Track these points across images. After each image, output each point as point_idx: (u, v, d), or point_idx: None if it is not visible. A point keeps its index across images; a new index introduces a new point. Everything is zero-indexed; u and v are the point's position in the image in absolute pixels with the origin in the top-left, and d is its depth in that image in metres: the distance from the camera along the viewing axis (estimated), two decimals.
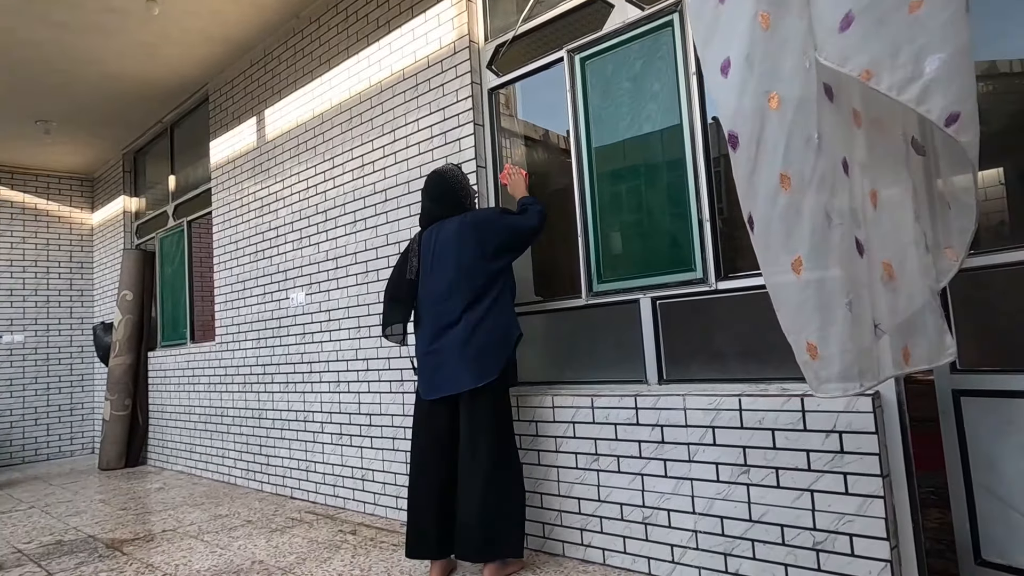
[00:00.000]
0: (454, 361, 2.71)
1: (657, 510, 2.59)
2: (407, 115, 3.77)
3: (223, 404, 5.31)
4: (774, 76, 1.53)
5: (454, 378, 2.71)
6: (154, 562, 3.28)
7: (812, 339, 1.56)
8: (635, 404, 2.67)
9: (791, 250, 1.56)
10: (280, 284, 4.69)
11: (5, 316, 7.20)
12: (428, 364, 2.79)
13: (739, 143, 1.60)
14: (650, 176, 2.89)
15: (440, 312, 2.76)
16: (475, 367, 2.67)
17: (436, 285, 2.78)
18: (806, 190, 1.51)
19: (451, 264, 2.75)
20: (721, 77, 1.63)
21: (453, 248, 2.76)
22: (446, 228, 2.82)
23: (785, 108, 1.52)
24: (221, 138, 5.44)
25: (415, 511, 2.77)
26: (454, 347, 2.71)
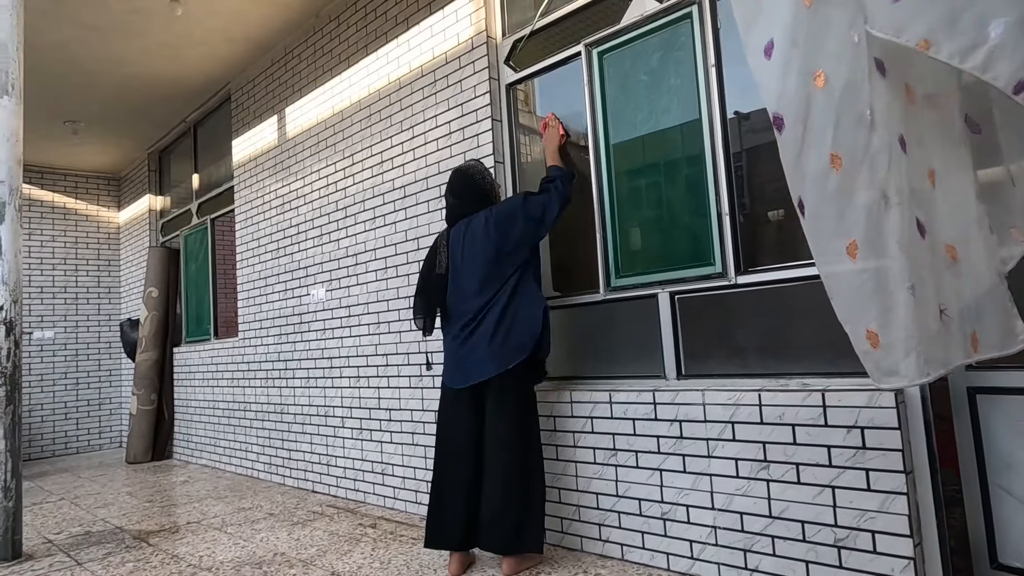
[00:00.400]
0: (481, 351, 2.74)
1: (676, 506, 2.58)
2: (425, 111, 3.78)
3: (246, 399, 5.38)
4: (819, 54, 1.46)
5: (480, 366, 2.74)
6: (179, 553, 3.34)
7: (872, 327, 1.47)
8: (653, 399, 2.66)
9: (844, 233, 1.47)
10: (301, 280, 4.75)
11: (36, 313, 7.37)
12: (456, 354, 2.83)
13: (784, 124, 1.53)
14: (668, 170, 2.87)
15: (469, 306, 2.80)
16: (501, 355, 2.70)
17: (465, 280, 2.82)
18: (859, 170, 1.43)
19: (479, 259, 2.79)
20: (764, 59, 1.57)
21: (480, 243, 2.80)
22: (473, 223, 2.86)
23: (832, 86, 1.45)
24: (243, 136, 5.51)
25: (438, 502, 2.80)
26: (482, 338, 2.75)
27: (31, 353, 7.30)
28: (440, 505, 2.79)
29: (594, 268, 3.04)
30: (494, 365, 2.71)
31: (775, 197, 2.65)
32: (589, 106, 3.09)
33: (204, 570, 3.03)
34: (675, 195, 2.84)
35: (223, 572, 2.99)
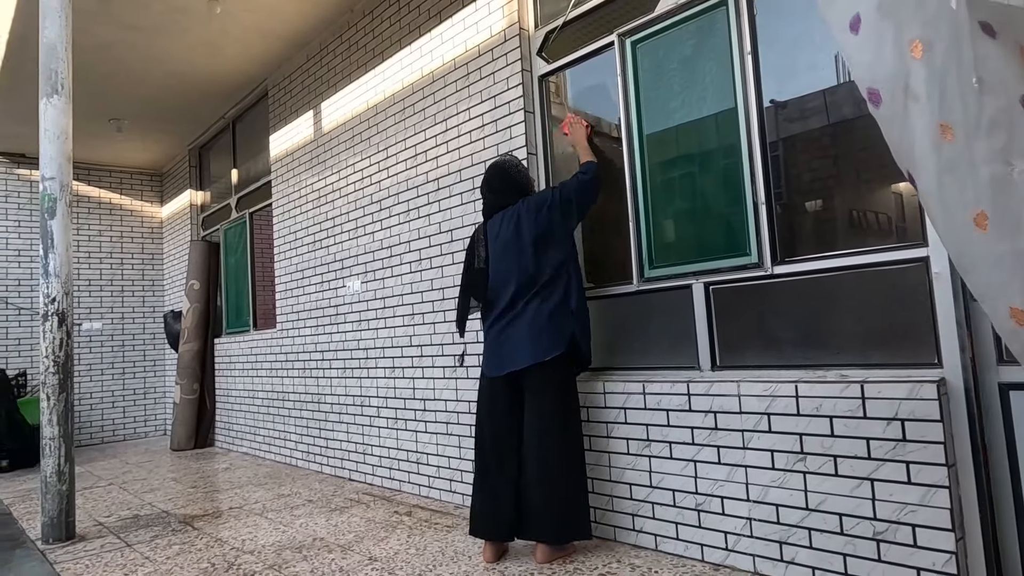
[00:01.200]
0: (519, 340, 2.78)
1: (710, 497, 2.57)
2: (458, 104, 3.81)
3: (284, 389, 5.50)
4: (913, 23, 1.40)
5: (517, 355, 2.77)
6: (222, 536, 3.45)
7: (1016, 303, 1.37)
8: (688, 390, 2.65)
9: (970, 204, 1.37)
10: (337, 273, 4.83)
11: (84, 305, 7.63)
12: (495, 343, 2.88)
13: (881, 99, 1.47)
14: (703, 160, 2.84)
15: (508, 295, 2.84)
16: (538, 346, 2.72)
17: (504, 270, 2.87)
18: (974, 137, 1.35)
19: (517, 249, 2.83)
20: (852, 35, 1.52)
21: (516, 233, 2.84)
22: (509, 215, 2.91)
23: (932, 54, 1.38)
24: (280, 132, 5.62)
25: (478, 491, 2.84)
26: (520, 327, 2.79)
27: (80, 344, 7.57)
28: (479, 495, 2.84)
29: (627, 259, 3.04)
30: (531, 355, 2.74)
31: (812, 186, 2.61)
32: (622, 96, 3.08)
33: (247, 553, 3.13)
34: (709, 185, 2.81)
35: (265, 555, 3.08)
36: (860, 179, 2.56)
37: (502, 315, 2.87)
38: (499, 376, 2.85)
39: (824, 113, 2.56)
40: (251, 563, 2.98)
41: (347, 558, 2.95)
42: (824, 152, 2.59)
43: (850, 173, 2.47)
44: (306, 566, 2.88)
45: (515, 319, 2.82)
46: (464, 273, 3.07)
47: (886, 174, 2.33)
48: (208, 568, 2.95)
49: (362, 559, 2.93)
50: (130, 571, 2.98)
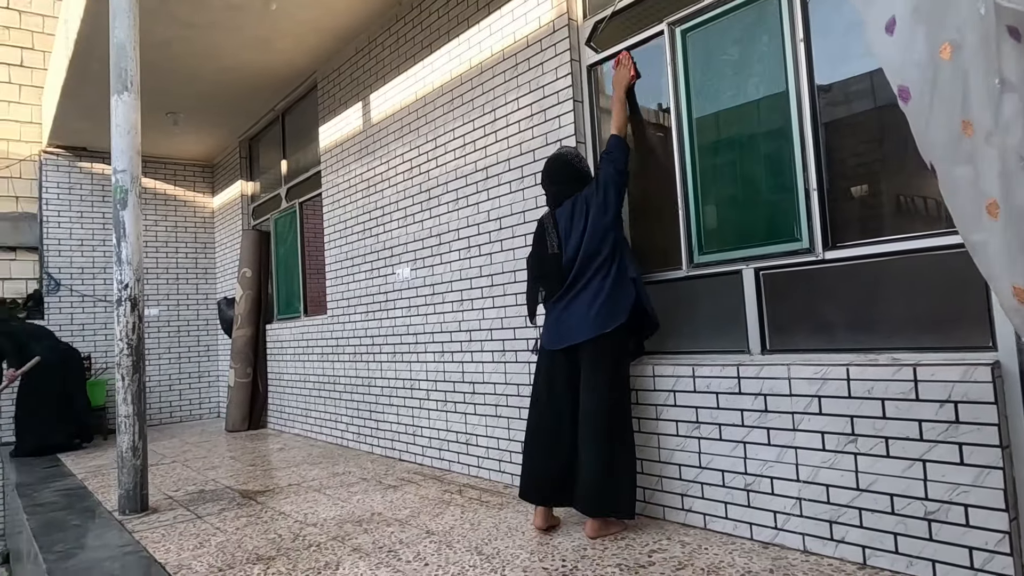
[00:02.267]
0: (579, 315, 2.92)
1: (760, 477, 2.63)
2: (507, 95, 3.89)
3: (335, 373, 5.70)
4: (944, 27, 1.49)
5: (577, 329, 2.90)
6: (285, 510, 3.63)
7: (1019, 283, 1.47)
8: (737, 373, 2.71)
9: (982, 195, 1.49)
10: (387, 260, 4.97)
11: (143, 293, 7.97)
12: (555, 318, 3.02)
13: (911, 96, 1.57)
14: (753, 145, 2.87)
15: (571, 274, 2.96)
16: (597, 320, 2.85)
17: (569, 252, 2.99)
18: (992, 133, 1.45)
19: (576, 234, 2.97)
20: (886, 36, 1.62)
21: (577, 220, 2.99)
22: (578, 202, 3.04)
23: (960, 56, 1.47)
24: (329, 123, 5.78)
25: (530, 458, 2.98)
26: (581, 303, 2.92)
27: None
28: (531, 461, 2.97)
29: (676, 245, 3.09)
30: (590, 328, 2.86)
31: (863, 172, 2.63)
32: (672, 85, 3.12)
33: (310, 526, 3.30)
34: (760, 171, 2.84)
35: (327, 528, 3.24)
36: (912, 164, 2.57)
37: (565, 293, 3.00)
38: (558, 350, 2.97)
39: (874, 98, 2.57)
40: (315, 535, 3.14)
41: (405, 531, 3.10)
42: (875, 137, 2.60)
43: (902, 158, 2.48)
44: (367, 538, 3.04)
45: (578, 295, 2.95)
46: (534, 263, 3.17)
47: None
48: (276, 539, 3.13)
49: (420, 533, 3.07)
50: (204, 540, 3.18)
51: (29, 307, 7.50)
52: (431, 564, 2.64)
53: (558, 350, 2.98)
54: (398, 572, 2.58)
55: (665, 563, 2.49)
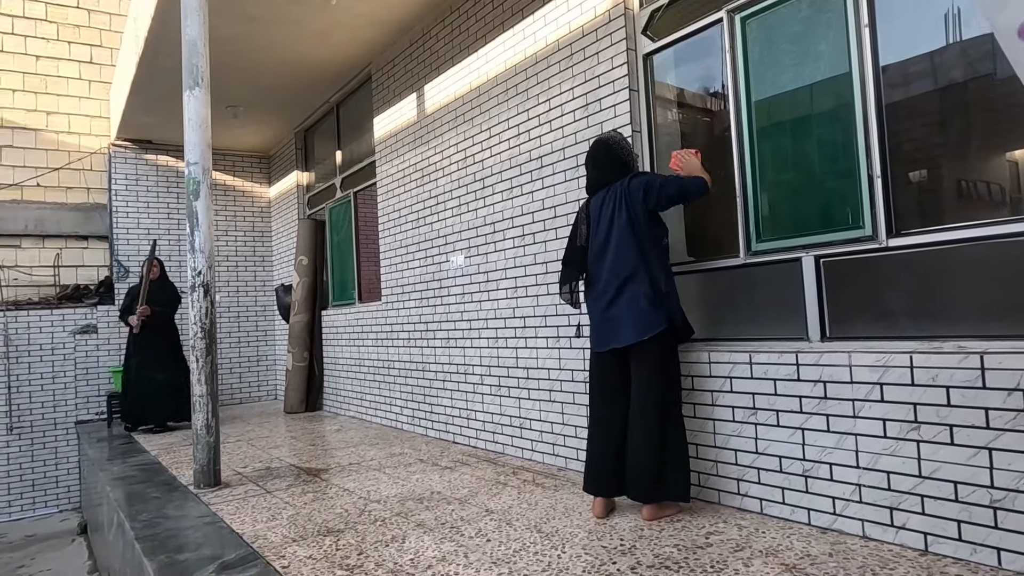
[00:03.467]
0: (619, 319, 2.92)
1: (818, 464, 2.65)
2: (562, 84, 3.93)
3: (389, 358, 5.87)
4: None
5: (618, 334, 2.92)
6: (349, 487, 3.80)
7: None
8: (796, 360, 2.72)
9: None
10: (440, 248, 5.09)
11: None
12: (598, 320, 3.04)
13: None
14: (814, 131, 2.86)
15: (609, 273, 2.97)
16: (638, 323, 2.86)
17: (605, 248, 2.99)
18: None
19: (615, 228, 2.94)
20: (1019, 40, 1.66)
21: (617, 212, 2.95)
22: (611, 193, 3.01)
23: None
24: (384, 114, 5.91)
25: (590, 453, 3.05)
26: (620, 306, 2.93)
27: None
28: (590, 454, 3.04)
29: (733, 233, 3.10)
30: (631, 334, 2.89)
31: (928, 157, 2.60)
32: (730, 72, 3.12)
33: (373, 502, 3.45)
34: (821, 157, 2.84)
35: (390, 504, 3.39)
36: (978, 150, 2.54)
37: (602, 294, 3.01)
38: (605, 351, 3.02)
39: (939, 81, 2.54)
40: (379, 510, 3.29)
41: (465, 509, 3.22)
42: (940, 120, 2.57)
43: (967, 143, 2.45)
44: (429, 515, 3.17)
45: (615, 299, 2.95)
46: (567, 248, 3.22)
47: (1004, 143, 2.30)
48: (342, 513, 3.28)
49: (479, 511, 3.18)
50: (275, 513, 3.36)
51: (101, 293, 7.92)
52: (492, 540, 2.75)
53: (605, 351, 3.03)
54: (462, 547, 2.69)
55: (723, 545, 2.54)
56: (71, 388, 7.58)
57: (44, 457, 7.44)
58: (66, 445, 7.54)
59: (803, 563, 2.32)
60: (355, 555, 2.67)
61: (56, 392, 7.53)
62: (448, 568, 2.47)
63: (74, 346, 7.63)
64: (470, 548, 2.67)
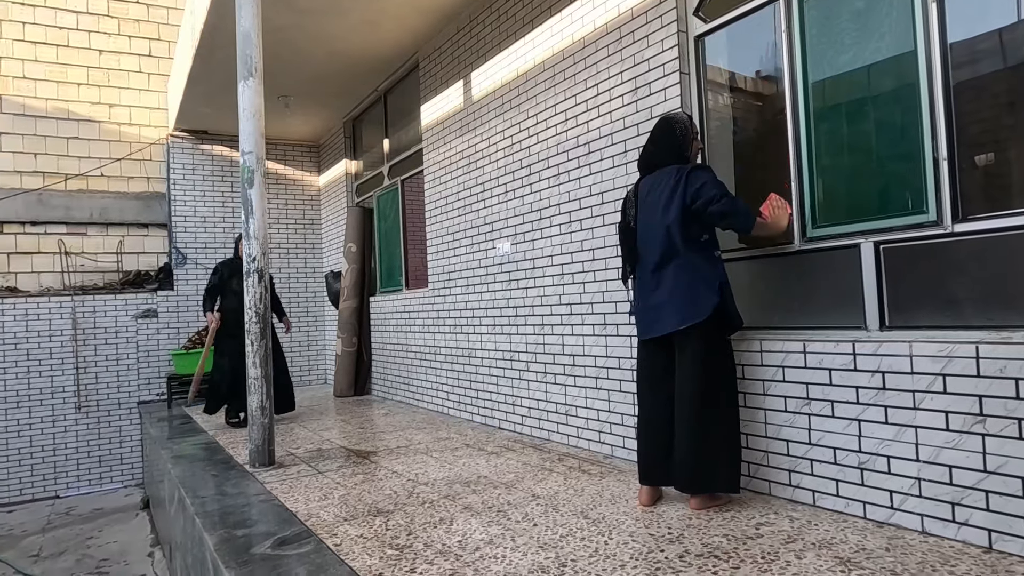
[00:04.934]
0: (663, 306, 2.88)
1: (875, 456, 2.57)
2: (610, 68, 3.88)
3: (436, 344, 5.94)
4: None
5: (662, 321, 2.88)
6: (397, 469, 3.87)
7: None
8: (853, 350, 2.64)
9: None
10: (487, 235, 5.11)
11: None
12: (641, 306, 3.00)
13: None
14: (875, 113, 2.76)
15: (654, 258, 2.92)
16: (681, 310, 2.82)
17: (651, 232, 2.93)
18: None
19: (663, 213, 2.88)
20: None
21: (666, 198, 2.88)
22: (663, 178, 2.94)
23: None
24: (430, 102, 5.95)
25: (638, 442, 3.04)
26: (664, 293, 2.89)
27: None
28: (639, 444, 3.02)
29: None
30: (674, 321, 2.85)
31: (997, 140, 2.47)
32: (786, 51, 3.03)
33: (422, 484, 3.51)
34: (882, 139, 2.73)
35: (438, 487, 3.44)
36: None
37: (648, 279, 2.97)
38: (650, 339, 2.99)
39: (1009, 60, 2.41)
40: (428, 492, 3.35)
41: (512, 494, 3.25)
42: (1011, 102, 2.44)
43: None
44: (476, 498, 3.20)
45: (659, 285, 2.92)
46: (619, 231, 3.19)
47: None
48: (392, 494, 3.35)
49: (526, 495, 3.20)
50: (327, 492, 3.45)
51: (160, 279, 8.23)
52: (539, 525, 2.77)
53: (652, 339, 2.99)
54: (509, 530, 2.72)
55: (773, 536, 2.50)
56: (133, 370, 7.93)
57: (109, 435, 7.82)
58: (129, 424, 7.90)
59: (858, 556, 2.26)
60: (404, 535, 2.72)
61: (120, 373, 7.88)
62: (496, 551, 2.50)
63: (136, 330, 7.96)
64: (517, 532, 2.69)
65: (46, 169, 7.95)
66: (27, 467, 7.46)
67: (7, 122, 7.83)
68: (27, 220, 7.84)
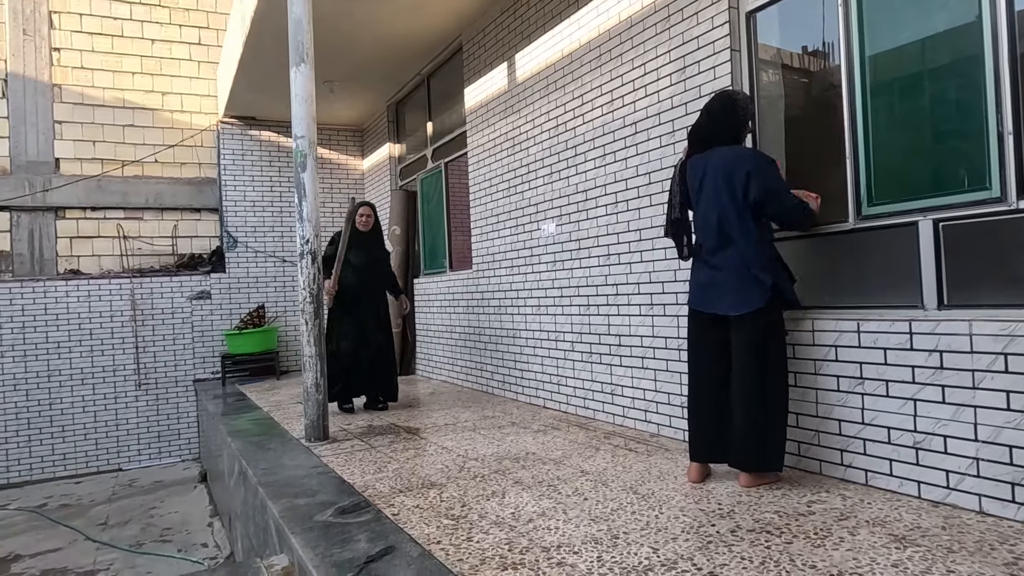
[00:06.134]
0: (722, 286, 2.89)
1: (931, 436, 2.55)
2: (658, 47, 3.85)
3: (480, 324, 6.02)
4: None
5: (722, 299, 2.89)
6: (447, 445, 3.98)
7: None
8: (909, 329, 2.61)
9: None
10: (531, 216, 5.15)
11: None
12: (698, 280, 3.02)
13: None
14: (935, 86, 2.69)
15: (710, 236, 2.93)
16: (741, 293, 2.83)
17: (707, 211, 2.93)
18: None
19: (719, 194, 2.87)
20: None
21: (723, 179, 2.86)
22: (716, 157, 2.92)
23: None
24: (474, 84, 5.98)
25: (688, 419, 3.08)
26: (722, 275, 2.90)
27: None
28: (690, 421, 3.05)
29: (841, 197, 2.98)
30: (732, 304, 2.85)
31: None
32: (842, 21, 2.97)
33: (472, 460, 3.61)
34: (942, 114, 2.67)
35: (488, 462, 3.53)
36: None
37: (707, 256, 2.97)
38: (706, 313, 3.00)
39: None
40: (478, 467, 3.44)
41: (560, 469, 3.31)
42: None
43: None
44: (526, 473, 3.28)
45: (718, 265, 2.91)
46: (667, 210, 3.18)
47: None
48: (443, 468, 3.45)
49: (574, 471, 3.27)
50: (381, 466, 3.58)
51: (213, 261, 8.50)
52: (590, 499, 2.83)
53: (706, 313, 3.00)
54: (560, 504, 2.79)
55: (825, 513, 2.51)
56: (189, 349, 8.24)
57: (167, 411, 8.16)
58: (186, 401, 8.23)
59: (913, 534, 2.26)
60: (459, 507, 2.82)
61: (176, 352, 8.20)
62: (549, 522, 2.57)
63: (191, 310, 8.26)
64: (568, 505, 2.76)
65: (104, 156, 8.26)
66: (92, 441, 7.85)
67: (67, 111, 8.14)
68: (87, 205, 8.17)
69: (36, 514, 6.38)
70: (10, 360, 7.51)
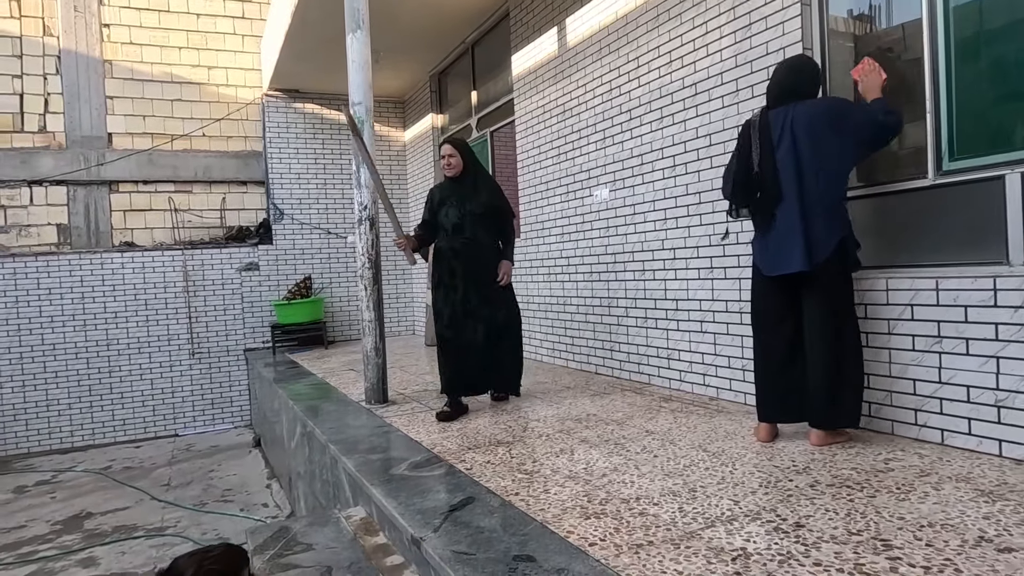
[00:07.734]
0: (788, 242, 2.84)
1: (1015, 393, 2.51)
2: (720, 4, 3.77)
3: (529, 292, 6.04)
4: None
5: (788, 259, 2.85)
6: (505, 408, 4.03)
7: None
8: (994, 285, 2.56)
9: None
10: (583, 183, 5.12)
11: (349, 221, 8.83)
12: (764, 239, 2.97)
13: None
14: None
15: (783, 194, 2.86)
16: (810, 249, 2.78)
17: (785, 163, 2.86)
18: None
19: (806, 148, 2.81)
20: None
21: (809, 132, 2.80)
22: (799, 111, 2.84)
23: None
24: (522, 51, 5.93)
25: (756, 379, 3.08)
26: (790, 229, 2.84)
27: (346, 254, 8.84)
28: (758, 381, 3.05)
29: (920, 151, 2.91)
30: (801, 261, 2.80)
31: None
32: None
33: (534, 420, 3.65)
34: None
35: (550, 423, 3.57)
36: None
37: (776, 213, 2.92)
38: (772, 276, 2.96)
39: None
40: (542, 428, 3.48)
41: (624, 429, 3.34)
42: None
43: None
44: (591, 432, 3.32)
45: (785, 220, 2.86)
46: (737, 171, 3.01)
47: None
48: (508, 428, 3.51)
49: (639, 431, 3.29)
50: (445, 426, 3.65)
51: (260, 233, 8.65)
52: (660, 456, 2.85)
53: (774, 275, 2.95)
54: (631, 460, 2.82)
55: (905, 470, 2.49)
56: (239, 319, 8.44)
57: (220, 380, 8.40)
58: (237, 370, 8.45)
59: (1000, 490, 2.24)
60: (529, 462, 2.87)
61: (227, 322, 8.41)
62: (622, 477, 2.60)
63: (240, 282, 8.44)
64: (639, 462, 2.79)
65: (154, 130, 8.43)
66: (149, 408, 8.13)
67: (118, 86, 8.31)
68: (139, 179, 8.36)
69: (102, 475, 6.67)
70: (71, 329, 7.79)
